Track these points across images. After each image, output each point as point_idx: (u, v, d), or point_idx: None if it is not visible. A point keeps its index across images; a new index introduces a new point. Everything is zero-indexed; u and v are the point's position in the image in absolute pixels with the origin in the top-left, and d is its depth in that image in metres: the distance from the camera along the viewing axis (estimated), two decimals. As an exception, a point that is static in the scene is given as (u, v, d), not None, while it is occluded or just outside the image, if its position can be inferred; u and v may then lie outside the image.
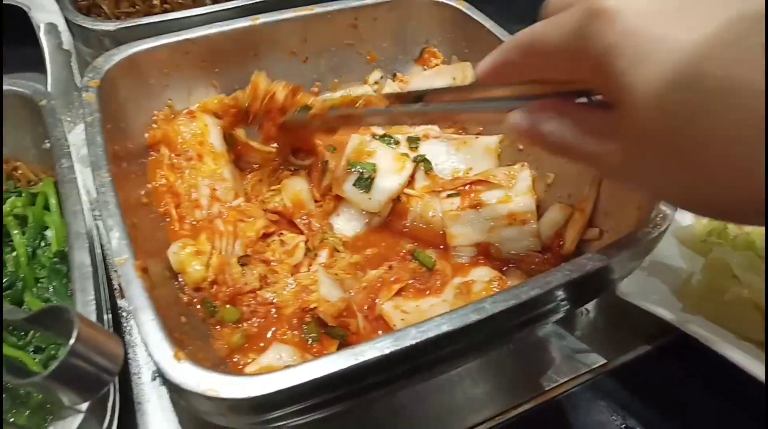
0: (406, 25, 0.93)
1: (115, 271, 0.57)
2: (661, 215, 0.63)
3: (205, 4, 1.01)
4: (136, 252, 0.57)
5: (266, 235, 0.78)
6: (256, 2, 0.95)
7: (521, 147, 0.86)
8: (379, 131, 0.91)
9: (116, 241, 0.56)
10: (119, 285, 0.62)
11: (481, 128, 0.92)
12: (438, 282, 0.77)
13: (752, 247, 0.71)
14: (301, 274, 0.73)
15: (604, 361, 0.72)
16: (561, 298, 0.59)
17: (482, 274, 0.77)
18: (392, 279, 0.75)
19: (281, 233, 0.79)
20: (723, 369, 0.65)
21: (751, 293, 0.68)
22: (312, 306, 0.68)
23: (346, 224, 0.83)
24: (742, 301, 0.68)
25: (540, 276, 0.57)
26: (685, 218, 0.80)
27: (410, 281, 0.77)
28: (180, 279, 0.68)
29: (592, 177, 0.75)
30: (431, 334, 0.51)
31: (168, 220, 0.74)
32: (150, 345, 0.49)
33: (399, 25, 0.93)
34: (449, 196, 0.84)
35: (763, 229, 0.75)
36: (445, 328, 0.52)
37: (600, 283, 0.64)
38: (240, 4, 0.94)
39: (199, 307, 0.67)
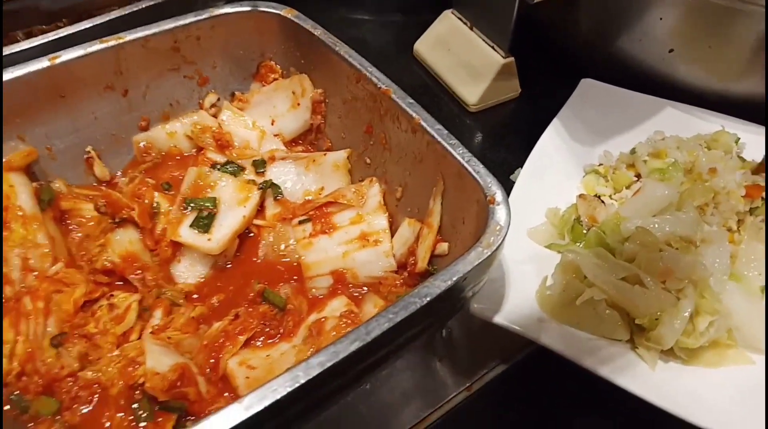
0: (234, 40, 0.86)
1: None
2: (495, 227, 0.59)
3: (17, 40, 0.90)
4: None
5: (93, 301, 0.70)
6: (71, 33, 0.85)
7: (368, 161, 0.81)
8: (221, 159, 0.84)
9: None
10: None
11: (330, 143, 0.86)
12: (291, 323, 0.71)
13: (603, 242, 0.68)
14: (128, 344, 0.66)
15: (469, 383, 0.68)
16: (392, 342, 0.54)
17: (337, 306, 0.72)
18: (237, 330, 0.69)
19: (111, 295, 0.71)
20: (589, 379, 0.63)
21: (604, 293, 0.65)
22: (140, 381, 0.62)
23: (188, 271, 0.76)
24: (597, 302, 0.65)
25: (370, 321, 0.52)
26: (539, 218, 0.76)
27: (262, 327, 0.71)
28: (-19, 377, 0.60)
29: (434, 189, 0.70)
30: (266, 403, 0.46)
31: (-29, 304, 0.66)
32: None
33: (227, 42, 0.86)
34: (301, 222, 0.78)
35: (614, 220, 0.72)
36: (254, 410, 0.46)
37: (445, 310, 0.60)
38: (53, 38, 0.84)
39: (8, 407, 0.60)
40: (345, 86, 0.80)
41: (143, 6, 0.86)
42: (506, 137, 0.97)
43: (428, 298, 0.53)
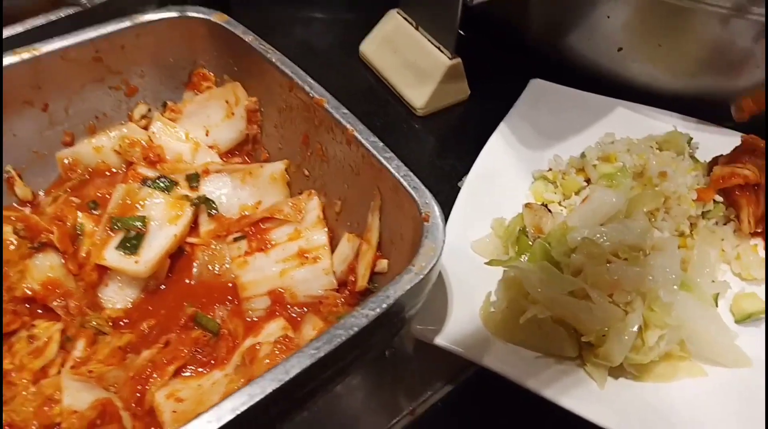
0: (163, 48, 0.81)
1: None
2: (427, 246, 0.56)
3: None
4: None
5: (11, 333, 0.66)
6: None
7: (307, 172, 0.77)
8: (152, 174, 0.79)
9: None
10: None
11: (267, 154, 0.82)
12: (224, 349, 0.67)
13: (548, 255, 0.65)
14: (46, 380, 0.61)
15: (411, 407, 0.65)
16: (326, 374, 0.51)
17: (273, 330, 0.68)
18: (166, 359, 0.65)
19: (32, 326, 0.67)
20: (535, 399, 0.60)
21: (549, 309, 0.62)
22: (57, 421, 0.57)
23: (117, 295, 0.72)
24: (542, 320, 0.62)
25: (291, 357, 0.49)
26: (483, 229, 0.73)
27: (197, 354, 0.67)
28: None
29: (372, 203, 0.67)
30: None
31: None
32: None
33: (155, 50, 0.81)
34: (236, 239, 0.74)
35: (561, 230, 0.69)
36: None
37: (381, 334, 0.56)
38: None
39: None
40: (279, 95, 0.76)
41: (63, 15, 0.80)
42: (455, 142, 0.94)
43: (355, 330, 0.50)
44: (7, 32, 0.80)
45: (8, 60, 0.72)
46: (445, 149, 0.92)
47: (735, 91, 0.86)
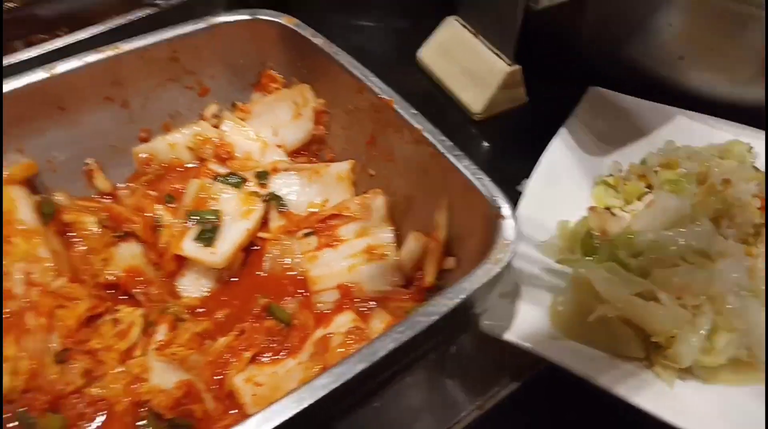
0: (234, 50, 0.84)
1: None
2: (503, 242, 0.58)
3: (16, 50, 0.89)
4: None
5: (97, 316, 0.69)
6: (70, 43, 0.84)
7: (372, 172, 0.79)
8: (223, 171, 0.82)
9: None
10: None
11: (332, 154, 0.85)
12: (296, 339, 0.70)
13: (615, 257, 0.67)
14: (133, 360, 0.65)
15: (479, 401, 0.67)
16: (400, 361, 0.53)
17: (343, 322, 0.70)
18: (243, 346, 0.68)
19: (116, 310, 0.70)
20: (603, 398, 0.61)
21: (618, 310, 0.63)
22: (146, 398, 0.61)
23: (193, 285, 0.75)
24: (610, 319, 0.63)
25: (375, 341, 0.51)
26: (547, 231, 0.74)
27: (270, 343, 0.69)
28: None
29: (440, 201, 0.69)
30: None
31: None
32: None
33: (226, 51, 0.84)
34: (306, 235, 0.77)
35: (627, 233, 0.70)
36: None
37: (453, 328, 0.58)
38: (51, 48, 0.83)
39: (17, 423, 0.58)
40: (347, 96, 0.79)
41: (141, 15, 0.84)
42: (512, 146, 0.95)
43: (435, 317, 0.52)
44: (89, 32, 0.83)
45: (93, 57, 0.76)
46: (502, 153, 0.94)
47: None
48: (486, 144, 0.97)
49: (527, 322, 0.65)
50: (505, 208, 0.60)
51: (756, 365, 0.64)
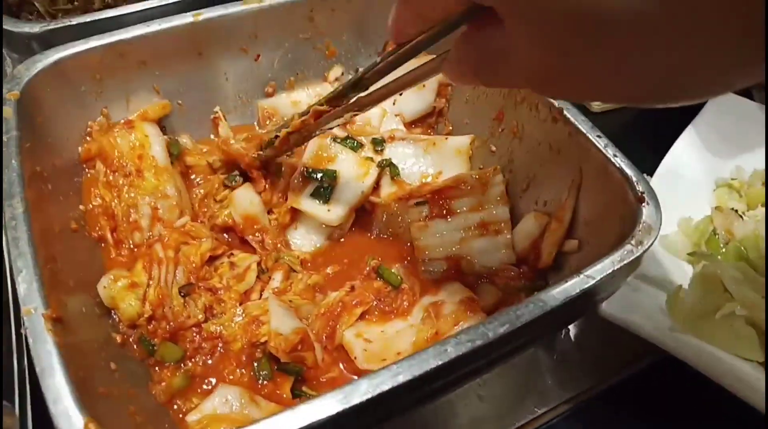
0: (367, 16, 0.85)
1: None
2: (645, 226, 0.57)
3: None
4: (52, 295, 0.50)
5: (215, 258, 0.71)
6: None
7: (494, 148, 0.79)
8: (341, 134, 0.83)
9: (24, 286, 0.49)
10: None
11: (450, 128, 0.85)
12: (405, 302, 0.71)
13: (744, 257, 0.65)
14: (252, 302, 0.66)
15: (588, 385, 0.66)
16: (534, 331, 0.52)
17: (453, 292, 0.70)
18: (354, 302, 0.69)
19: (231, 254, 0.72)
20: (715, 393, 0.60)
21: (745, 309, 0.61)
22: (263, 340, 0.62)
23: (304, 239, 0.77)
24: (736, 318, 0.62)
25: (510, 309, 0.51)
26: (669, 226, 0.73)
27: (375, 302, 0.70)
28: (114, 315, 0.61)
29: (571, 182, 0.68)
30: (385, 388, 0.45)
31: (104, 245, 0.67)
32: (55, 416, 0.42)
33: (359, 17, 0.85)
34: (417, 204, 0.77)
35: (755, 237, 0.68)
36: (401, 378, 0.45)
37: (579, 308, 0.58)
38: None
39: (135, 346, 0.60)
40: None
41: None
42: (629, 141, 0.92)
43: (577, 291, 0.51)
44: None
45: (237, 8, 0.78)
46: (619, 147, 0.92)
47: None
48: (603, 136, 0.95)
49: (646, 313, 0.64)
50: (648, 193, 0.59)
51: None
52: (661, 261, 0.69)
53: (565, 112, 0.68)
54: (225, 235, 0.75)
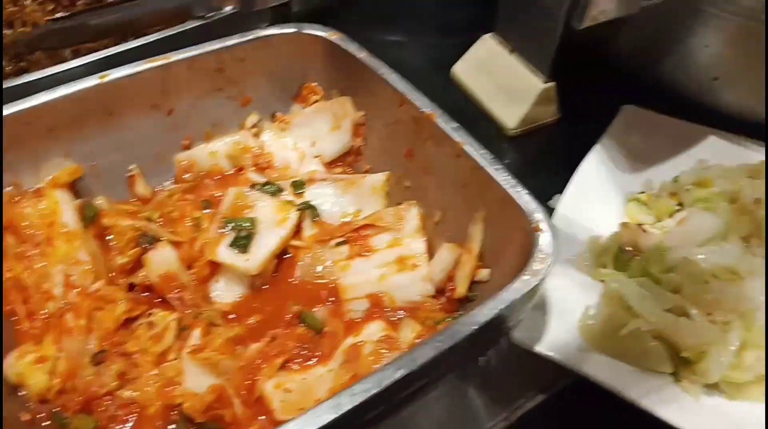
0: (278, 62, 0.87)
1: None
2: (540, 256, 0.58)
3: (65, 60, 0.92)
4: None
5: (133, 319, 0.71)
6: (118, 52, 0.86)
7: (408, 184, 0.80)
8: (260, 179, 0.84)
9: None
10: None
11: (368, 166, 0.86)
12: (327, 346, 0.71)
13: (646, 272, 0.67)
14: (168, 363, 0.66)
15: (505, 413, 0.67)
16: (435, 371, 0.53)
17: (373, 331, 0.71)
18: (274, 352, 0.69)
19: (150, 313, 0.72)
20: (630, 411, 0.61)
21: (649, 325, 0.63)
22: (178, 402, 0.62)
23: (226, 290, 0.77)
24: (642, 333, 0.63)
25: (414, 348, 0.52)
26: (580, 245, 0.75)
27: (298, 350, 0.71)
28: (22, 392, 0.61)
29: (477, 214, 0.70)
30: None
31: (15, 319, 0.67)
32: None
33: (270, 64, 0.86)
34: (338, 244, 0.78)
35: (659, 249, 0.70)
36: (296, 435, 0.46)
37: (482, 342, 0.59)
38: (101, 56, 0.85)
39: (49, 422, 0.60)
40: (387, 109, 0.80)
41: (190, 27, 0.87)
42: (543, 162, 0.96)
43: (474, 327, 0.53)
44: (139, 42, 0.85)
45: (144, 66, 0.78)
46: (534, 169, 0.94)
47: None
48: (518, 159, 0.97)
49: (557, 335, 0.65)
50: (543, 222, 0.61)
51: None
52: (572, 282, 0.71)
53: (465, 148, 0.69)
54: (146, 292, 0.75)
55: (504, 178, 0.66)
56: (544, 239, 0.59)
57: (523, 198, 0.64)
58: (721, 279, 0.66)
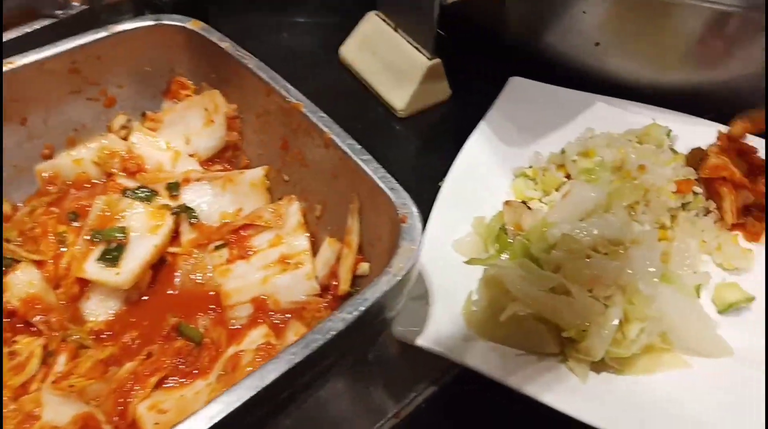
0: (140, 57, 0.81)
1: None
2: (405, 248, 0.56)
3: None
4: None
5: (-5, 349, 0.65)
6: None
7: (286, 178, 0.77)
8: (132, 184, 0.79)
9: None
10: None
11: (248, 161, 0.82)
12: (207, 358, 0.67)
13: (527, 253, 0.65)
14: (27, 396, 0.61)
15: (396, 410, 0.65)
16: (303, 379, 0.50)
17: (255, 338, 0.67)
18: (147, 372, 0.65)
19: (14, 342, 0.66)
20: (521, 397, 0.60)
21: (528, 306, 0.61)
22: (36, 437, 0.57)
23: (98, 307, 0.71)
24: (522, 317, 0.62)
25: (261, 369, 0.49)
26: (464, 228, 0.73)
27: (180, 364, 0.66)
28: None
29: (351, 206, 0.67)
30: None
31: None
32: None
33: (132, 59, 0.81)
34: (217, 247, 0.74)
35: (541, 226, 0.69)
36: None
37: (358, 341, 0.56)
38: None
39: None
40: (257, 101, 0.76)
41: (38, 27, 0.80)
42: (437, 142, 0.94)
43: (332, 334, 0.50)
44: (-20, 47, 0.79)
45: (-21, 74, 0.72)
46: (426, 150, 0.92)
47: (714, 83, 0.87)
48: (410, 140, 0.95)
49: (441, 325, 0.63)
50: (411, 212, 0.58)
51: (669, 351, 0.64)
52: (456, 267, 0.69)
53: (333, 137, 0.66)
54: (7, 319, 0.69)
55: (372, 168, 0.62)
56: (410, 231, 0.56)
57: (392, 187, 0.61)
58: (603, 252, 0.65)
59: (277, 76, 0.73)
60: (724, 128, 0.80)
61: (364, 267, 0.67)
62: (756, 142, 0.80)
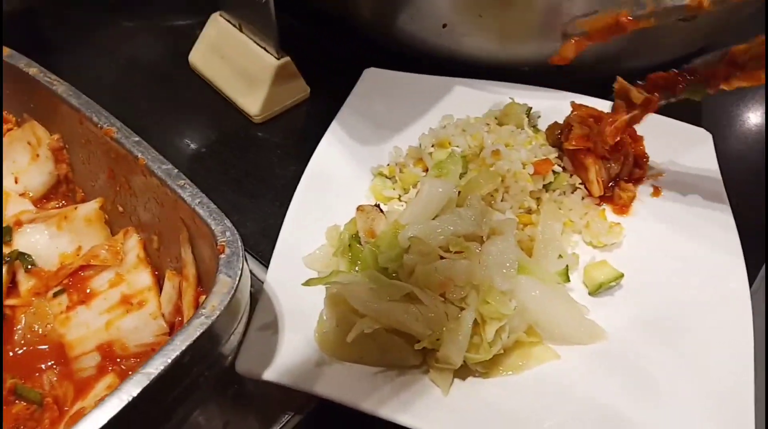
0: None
1: None
2: (228, 280, 0.51)
3: None
4: None
5: None
6: None
7: (121, 209, 0.70)
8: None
9: None
10: None
11: (83, 194, 0.75)
12: (47, 421, 0.61)
13: (375, 263, 0.61)
14: None
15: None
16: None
17: (99, 391, 0.62)
18: (-24, 450, 0.58)
19: None
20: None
21: (377, 321, 0.57)
22: None
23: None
24: (375, 333, 0.58)
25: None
26: (318, 240, 0.68)
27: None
28: None
29: (180, 236, 0.61)
30: None
31: None
32: None
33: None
34: (55, 294, 0.67)
35: (392, 231, 0.64)
36: None
37: (179, 386, 0.51)
38: None
39: None
40: (76, 129, 0.69)
41: None
42: (298, 146, 0.88)
43: (131, 396, 0.44)
44: None
45: None
46: (287, 155, 0.87)
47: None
48: (270, 146, 0.89)
49: (293, 352, 0.59)
50: (228, 240, 0.53)
51: (538, 343, 0.61)
52: (313, 288, 0.64)
53: (147, 163, 0.60)
54: None
55: (189, 194, 0.57)
56: (229, 262, 0.51)
57: (211, 212, 0.55)
58: (454, 252, 0.61)
59: (90, 100, 0.66)
60: (578, 98, 0.78)
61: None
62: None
